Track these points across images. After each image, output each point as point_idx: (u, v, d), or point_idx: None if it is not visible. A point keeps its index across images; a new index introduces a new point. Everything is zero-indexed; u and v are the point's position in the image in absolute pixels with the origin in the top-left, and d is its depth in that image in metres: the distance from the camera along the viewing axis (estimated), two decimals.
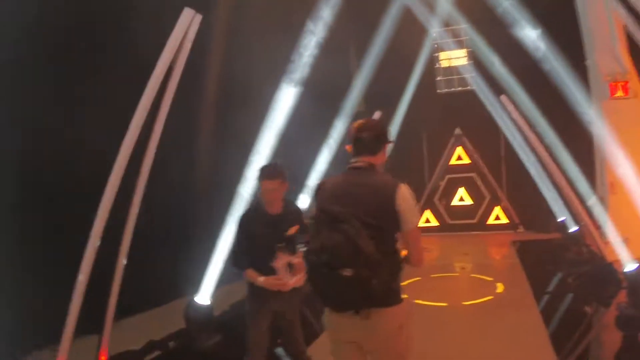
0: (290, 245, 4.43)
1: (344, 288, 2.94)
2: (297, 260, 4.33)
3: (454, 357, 6.04)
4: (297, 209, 4.79)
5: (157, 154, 5.36)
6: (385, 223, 3.10)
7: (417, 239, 3.24)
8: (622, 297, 7.43)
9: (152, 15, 6.45)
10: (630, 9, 7.61)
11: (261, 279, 4.38)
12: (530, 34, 9.85)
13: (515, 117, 9.70)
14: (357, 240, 2.90)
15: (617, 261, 7.82)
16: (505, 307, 8.03)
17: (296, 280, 4.37)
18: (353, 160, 3.32)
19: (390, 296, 3.09)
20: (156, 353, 6.47)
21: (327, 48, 9.68)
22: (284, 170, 4.50)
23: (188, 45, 5.14)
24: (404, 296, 3.23)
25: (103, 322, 5.32)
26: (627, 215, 8.32)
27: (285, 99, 8.48)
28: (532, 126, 9.97)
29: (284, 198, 4.58)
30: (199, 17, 5.12)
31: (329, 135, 10.88)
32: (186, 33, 5.04)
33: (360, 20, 13.61)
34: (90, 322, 5.24)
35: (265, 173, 4.42)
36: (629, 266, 7.21)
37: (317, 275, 3.06)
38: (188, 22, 5.02)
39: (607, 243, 8.34)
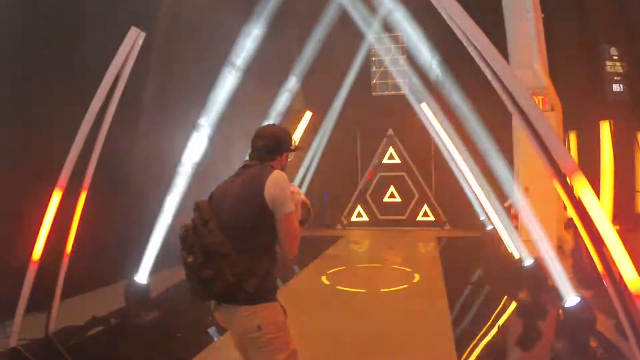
0: None
1: (188, 274, 3.08)
2: None
3: (363, 335, 6.65)
4: None
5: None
6: (253, 215, 3.08)
7: (288, 227, 3.11)
8: (525, 290, 8.21)
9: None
10: None
11: None
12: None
13: (434, 124, 10.48)
14: (200, 229, 3.04)
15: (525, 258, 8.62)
16: (417, 294, 8.79)
17: None
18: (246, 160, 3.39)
19: (239, 294, 3.01)
20: (98, 328, 6.81)
21: (271, 42, 10.23)
22: None
23: (132, 60, 5.67)
24: (274, 301, 3.18)
25: (52, 300, 5.81)
26: (538, 216, 9.18)
27: (227, 85, 8.96)
28: (450, 134, 10.77)
29: None
30: (142, 35, 5.65)
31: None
32: (131, 49, 5.56)
33: (302, 20, 14.07)
34: (39, 301, 5.77)
35: None
36: (527, 262, 8.01)
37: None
38: (133, 39, 5.56)
39: (523, 241, 9.10)
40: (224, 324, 3.25)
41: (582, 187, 4.26)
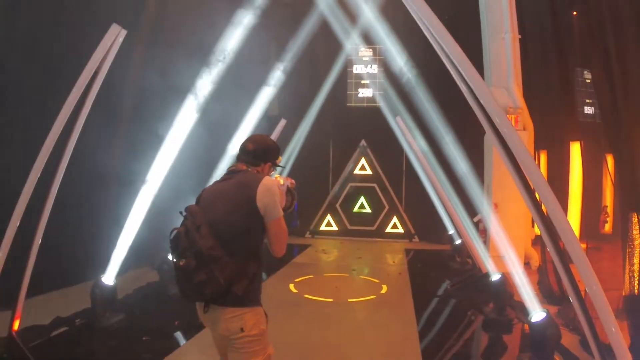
0: None
1: (180, 277, 3.14)
2: None
3: (330, 345, 6.69)
4: None
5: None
6: (245, 221, 3.19)
7: (277, 230, 3.26)
8: (491, 304, 8.30)
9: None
10: None
11: None
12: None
13: (408, 138, 10.58)
14: (192, 234, 3.10)
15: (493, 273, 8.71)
16: (384, 305, 8.83)
17: None
18: (232, 165, 3.50)
19: (228, 297, 3.11)
20: (62, 329, 6.76)
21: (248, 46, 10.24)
22: None
23: (111, 58, 5.66)
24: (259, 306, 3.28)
25: (17, 298, 5.70)
26: (506, 232, 9.29)
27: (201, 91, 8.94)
28: (421, 148, 10.88)
29: None
30: (123, 32, 5.64)
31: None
32: (111, 47, 5.55)
33: (280, 28, 14.09)
34: (2, 298, 5.74)
35: None
36: (494, 276, 8.10)
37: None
38: (114, 36, 5.53)
39: (490, 256, 9.20)
40: (209, 325, 3.32)
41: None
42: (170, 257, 9.05)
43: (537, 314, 5.97)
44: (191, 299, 3.24)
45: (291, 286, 9.79)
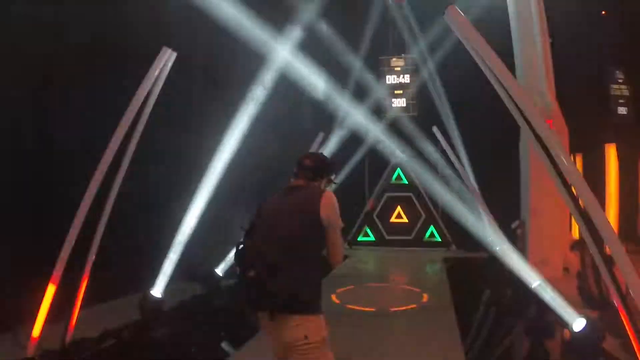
0: None
1: (249, 288, 3.29)
2: None
3: (375, 355, 6.75)
4: None
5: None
6: (307, 232, 3.37)
7: (338, 240, 3.46)
8: (531, 310, 8.33)
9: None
10: None
11: None
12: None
13: (444, 147, 10.67)
14: (260, 247, 3.30)
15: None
16: (426, 314, 8.90)
17: None
18: (292, 181, 3.65)
19: (295, 304, 3.27)
20: (111, 341, 6.88)
21: None
22: None
23: (162, 79, 6.05)
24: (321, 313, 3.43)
25: (71, 311, 5.98)
26: (545, 238, 9.28)
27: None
28: (460, 156, 10.94)
29: None
30: (174, 55, 5.94)
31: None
32: (162, 69, 5.91)
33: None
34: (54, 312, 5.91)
35: None
36: (535, 283, 8.12)
37: (238, 277, 3.41)
38: (164, 59, 5.85)
39: (530, 262, 9.23)
40: (272, 332, 3.43)
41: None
42: (217, 270, 9.48)
43: (577, 318, 6.02)
44: (260, 309, 3.39)
45: (333, 297, 9.89)
